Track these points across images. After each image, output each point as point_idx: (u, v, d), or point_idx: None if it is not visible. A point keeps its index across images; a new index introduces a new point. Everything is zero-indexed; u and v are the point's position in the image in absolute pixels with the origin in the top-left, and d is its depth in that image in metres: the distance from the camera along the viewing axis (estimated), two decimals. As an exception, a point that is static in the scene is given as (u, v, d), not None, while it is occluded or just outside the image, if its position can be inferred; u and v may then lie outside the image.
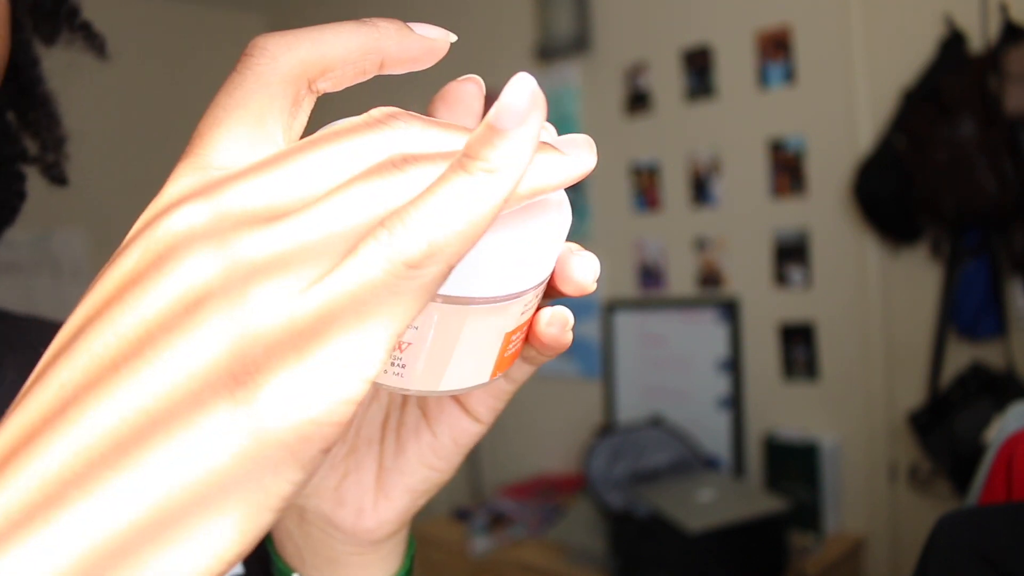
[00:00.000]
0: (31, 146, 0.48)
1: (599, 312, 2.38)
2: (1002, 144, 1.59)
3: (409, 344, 0.23)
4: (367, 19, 0.24)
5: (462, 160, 0.18)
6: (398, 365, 0.24)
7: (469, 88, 0.26)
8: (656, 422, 2.09)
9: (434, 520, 2.39)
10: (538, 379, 2.57)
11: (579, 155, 0.23)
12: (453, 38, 0.25)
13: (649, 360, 2.26)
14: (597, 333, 2.39)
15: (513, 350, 0.25)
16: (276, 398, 0.17)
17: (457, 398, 0.31)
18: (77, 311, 0.18)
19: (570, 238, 0.25)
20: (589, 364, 2.43)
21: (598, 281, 0.26)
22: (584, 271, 0.25)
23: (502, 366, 0.25)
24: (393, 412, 0.33)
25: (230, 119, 0.20)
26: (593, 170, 0.23)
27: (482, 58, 2.60)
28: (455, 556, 2.15)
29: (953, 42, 1.69)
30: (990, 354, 1.72)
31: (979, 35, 1.67)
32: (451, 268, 0.18)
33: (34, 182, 0.48)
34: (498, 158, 0.18)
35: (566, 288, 0.25)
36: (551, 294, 0.26)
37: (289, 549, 0.34)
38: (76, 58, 0.47)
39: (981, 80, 1.61)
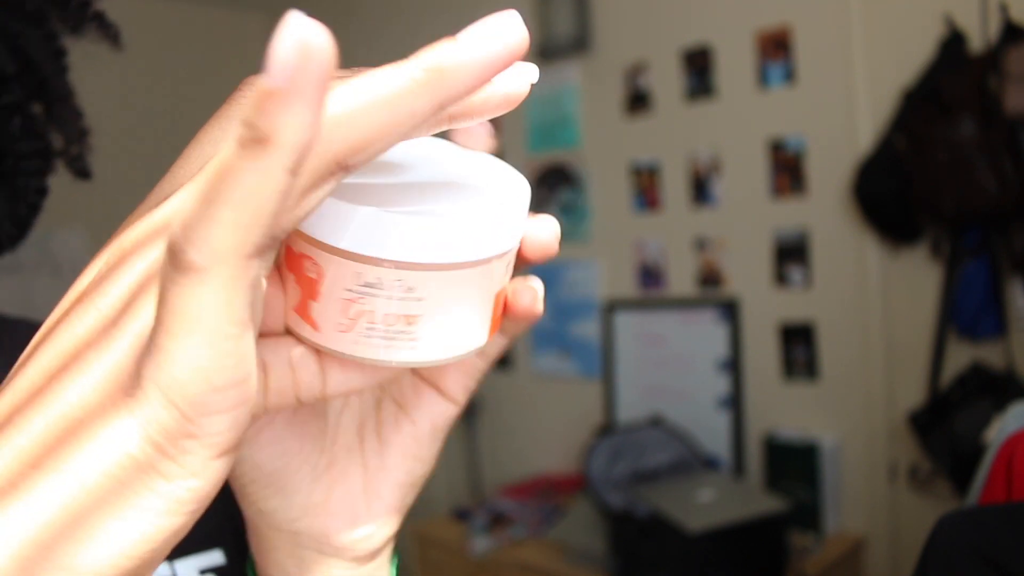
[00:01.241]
0: (55, 139, 0.48)
1: (599, 312, 2.38)
2: (1002, 144, 1.59)
3: (419, 316, 0.24)
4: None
5: (238, 132, 0.16)
6: (412, 339, 0.24)
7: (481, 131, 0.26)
8: (656, 422, 2.09)
9: (434, 520, 2.39)
10: (538, 379, 2.57)
11: (485, 35, 0.20)
12: (534, 77, 0.23)
13: (649, 360, 2.26)
14: (597, 333, 2.39)
15: (498, 314, 0.27)
16: (157, 388, 0.18)
17: (434, 382, 0.31)
18: (47, 322, 0.21)
19: (571, 238, 0.26)
20: (589, 364, 2.43)
21: (597, 280, 0.26)
22: (547, 232, 0.26)
23: (493, 327, 0.27)
24: (369, 414, 0.33)
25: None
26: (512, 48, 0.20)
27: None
28: (455, 556, 2.15)
29: (953, 42, 1.69)
30: (990, 354, 1.72)
31: (979, 35, 1.67)
32: (223, 255, 0.17)
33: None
34: (267, 126, 0.16)
35: (532, 252, 0.26)
36: (517, 263, 0.27)
37: (275, 574, 0.34)
38: (74, 59, 0.48)
39: (981, 80, 1.61)
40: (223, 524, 0.42)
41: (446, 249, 0.23)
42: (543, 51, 2.38)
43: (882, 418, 1.90)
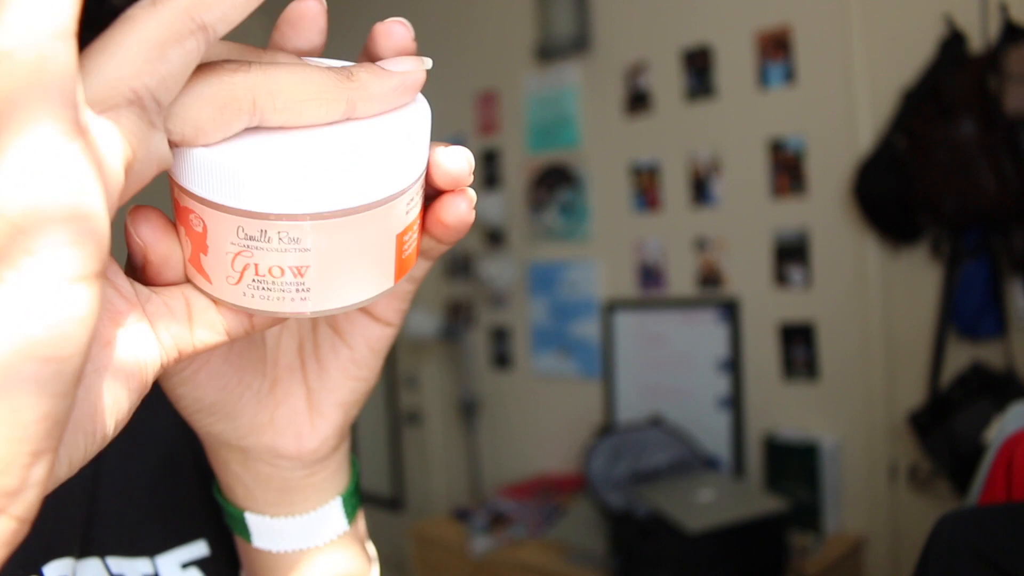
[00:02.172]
0: None
1: (599, 312, 2.38)
2: (1002, 144, 1.59)
3: (307, 267, 0.23)
4: (346, 70, 0.23)
5: None
6: (302, 290, 0.24)
7: (311, 6, 0.26)
8: (656, 422, 2.09)
9: (434, 520, 2.39)
10: (538, 379, 2.57)
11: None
12: (428, 64, 0.25)
13: (649, 360, 2.26)
14: (597, 333, 2.39)
15: (410, 251, 0.26)
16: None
17: (364, 308, 0.31)
18: None
19: (571, 237, 0.25)
20: (589, 364, 2.43)
21: (597, 280, 0.26)
22: (454, 160, 0.26)
23: (404, 268, 0.26)
24: (306, 337, 0.33)
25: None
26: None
27: (482, 58, 2.60)
28: (455, 556, 2.15)
29: (953, 42, 1.69)
30: (990, 354, 1.72)
31: (979, 35, 1.67)
32: (29, 35, 0.16)
33: None
34: None
35: (441, 181, 0.26)
36: (431, 195, 0.27)
37: (239, 492, 0.35)
38: None
39: (981, 80, 1.61)
40: (206, 514, 0.42)
41: (327, 196, 0.22)
42: (543, 51, 2.38)
43: (882, 418, 1.90)
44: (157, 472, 0.41)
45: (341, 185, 0.22)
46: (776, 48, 2.00)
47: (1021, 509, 0.70)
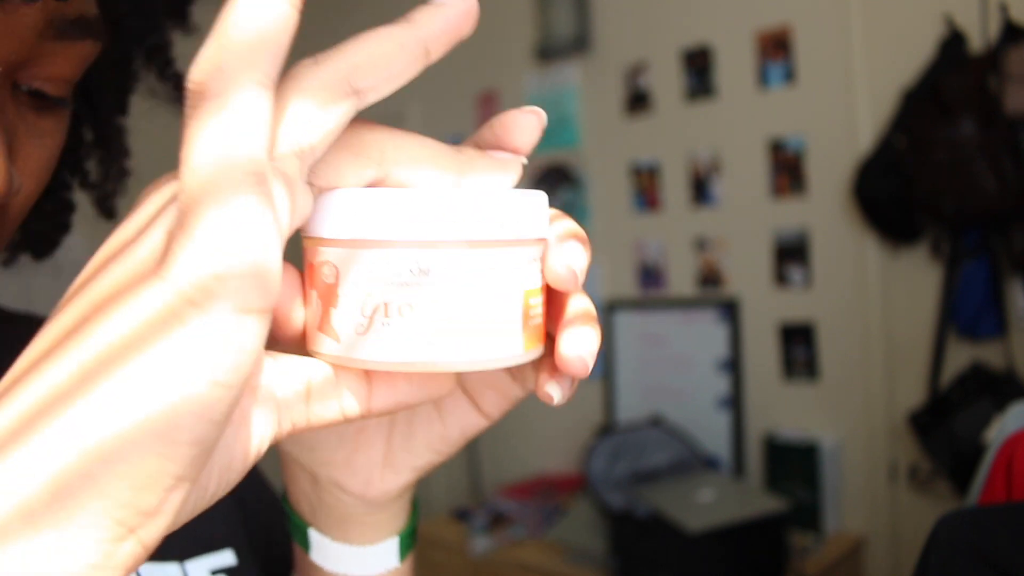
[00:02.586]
0: (93, 172, 0.47)
1: (599, 312, 2.37)
2: (1002, 144, 1.59)
3: (437, 302, 0.23)
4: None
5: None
6: (430, 334, 0.23)
7: (528, 119, 0.27)
8: (656, 422, 2.09)
9: (434, 520, 2.39)
10: (538, 379, 2.56)
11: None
12: (523, 160, 0.27)
13: (649, 360, 2.26)
14: (597, 333, 2.39)
15: (536, 321, 0.25)
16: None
17: (472, 396, 0.32)
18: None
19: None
20: (589, 364, 2.43)
21: (597, 280, 0.27)
22: (571, 259, 0.26)
23: (531, 338, 0.25)
24: None
25: None
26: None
27: (482, 58, 2.60)
28: (455, 556, 2.15)
29: (953, 42, 1.69)
30: (990, 354, 1.72)
31: (979, 35, 1.67)
32: (234, 79, 0.19)
33: None
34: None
35: (548, 276, 0.26)
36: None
37: (304, 507, 0.36)
38: None
39: (981, 80, 1.61)
40: (234, 524, 0.42)
41: (459, 225, 0.23)
42: (543, 51, 2.38)
43: (882, 418, 1.90)
44: (282, 500, 0.41)
45: (476, 216, 0.23)
46: (776, 48, 2.00)
47: (1021, 509, 0.70)
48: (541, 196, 0.25)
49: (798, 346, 2.03)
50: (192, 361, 0.18)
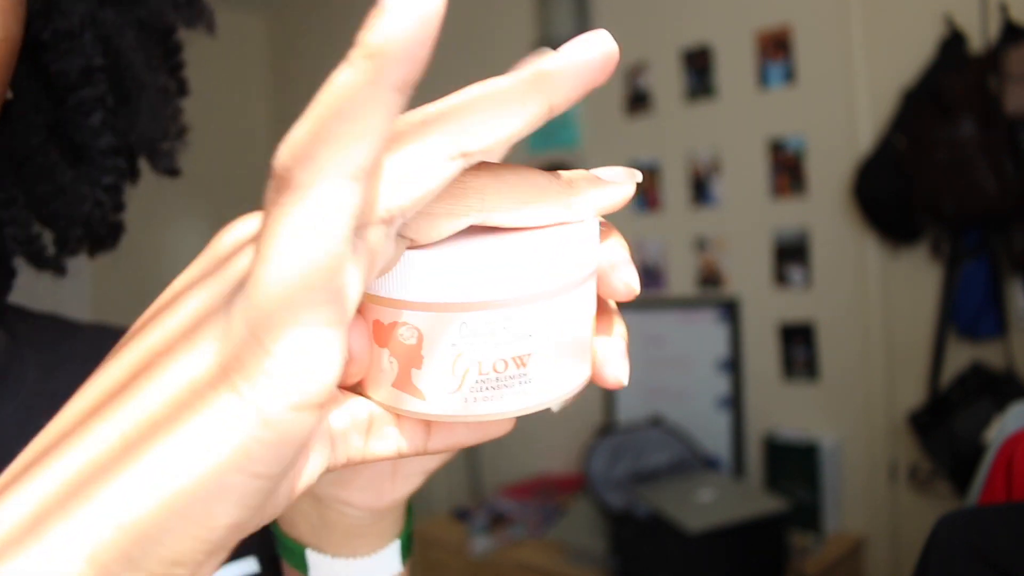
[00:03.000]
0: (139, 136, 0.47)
1: (599, 312, 2.38)
2: (1002, 144, 1.59)
3: (530, 355, 0.23)
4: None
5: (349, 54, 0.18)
6: (524, 381, 0.23)
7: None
8: (656, 422, 2.09)
9: (434, 520, 2.39)
10: (538, 379, 2.57)
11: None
12: (639, 178, 0.27)
13: (649, 360, 2.26)
14: (597, 333, 2.39)
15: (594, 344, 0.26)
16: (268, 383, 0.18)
17: None
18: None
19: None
20: (589, 364, 2.43)
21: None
22: (618, 251, 0.27)
23: (592, 356, 0.26)
24: None
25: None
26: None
27: (482, 58, 2.59)
28: (455, 556, 2.15)
29: (953, 42, 1.69)
30: (990, 354, 1.72)
31: (979, 35, 1.67)
32: (324, 170, 0.17)
33: None
34: (373, 40, 0.17)
35: (605, 289, 0.26)
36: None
37: (303, 528, 0.35)
38: None
39: (981, 80, 1.61)
40: (255, 532, 0.42)
41: (547, 276, 0.22)
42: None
43: (882, 418, 1.90)
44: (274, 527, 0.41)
45: (557, 264, 0.23)
46: (776, 48, 2.00)
47: (1021, 509, 0.70)
48: (591, 224, 0.25)
49: (798, 346, 2.03)
50: (233, 452, 0.17)
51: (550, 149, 2.47)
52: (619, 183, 0.26)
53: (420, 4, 0.17)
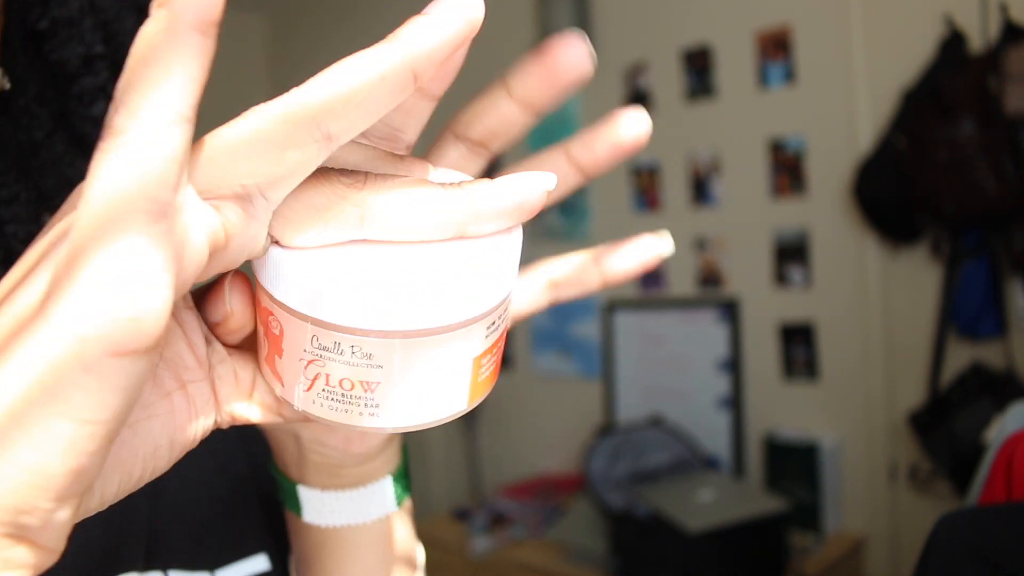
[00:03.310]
0: None
1: (599, 312, 2.38)
2: (1002, 144, 1.59)
3: (378, 383, 0.23)
4: (462, 186, 0.22)
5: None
6: (371, 405, 0.23)
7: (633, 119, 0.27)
8: (656, 422, 2.09)
9: (434, 520, 2.39)
10: (538, 379, 2.57)
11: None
12: (551, 184, 0.24)
13: (649, 360, 2.26)
14: (597, 333, 2.39)
15: (486, 374, 0.25)
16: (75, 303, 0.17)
17: None
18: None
19: (571, 237, 0.25)
20: (589, 364, 2.43)
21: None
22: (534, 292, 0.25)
23: (478, 392, 0.25)
24: None
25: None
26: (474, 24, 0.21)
27: (482, 58, 2.59)
28: (455, 556, 2.15)
29: (953, 42, 1.69)
30: (990, 354, 1.72)
31: (979, 35, 1.67)
32: (141, 116, 0.18)
33: None
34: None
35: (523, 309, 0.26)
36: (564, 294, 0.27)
37: (292, 469, 0.36)
38: None
39: (981, 80, 1.61)
40: (264, 528, 0.42)
41: (405, 315, 0.21)
42: (543, 51, 2.38)
43: (882, 418, 1.90)
44: (215, 480, 0.41)
45: (420, 306, 0.21)
46: (776, 48, 2.00)
47: (1021, 509, 0.70)
48: (513, 246, 0.23)
49: (798, 346, 2.03)
50: (62, 401, 0.17)
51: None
52: (526, 194, 0.23)
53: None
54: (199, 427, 0.24)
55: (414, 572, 0.40)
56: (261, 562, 0.41)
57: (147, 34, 0.18)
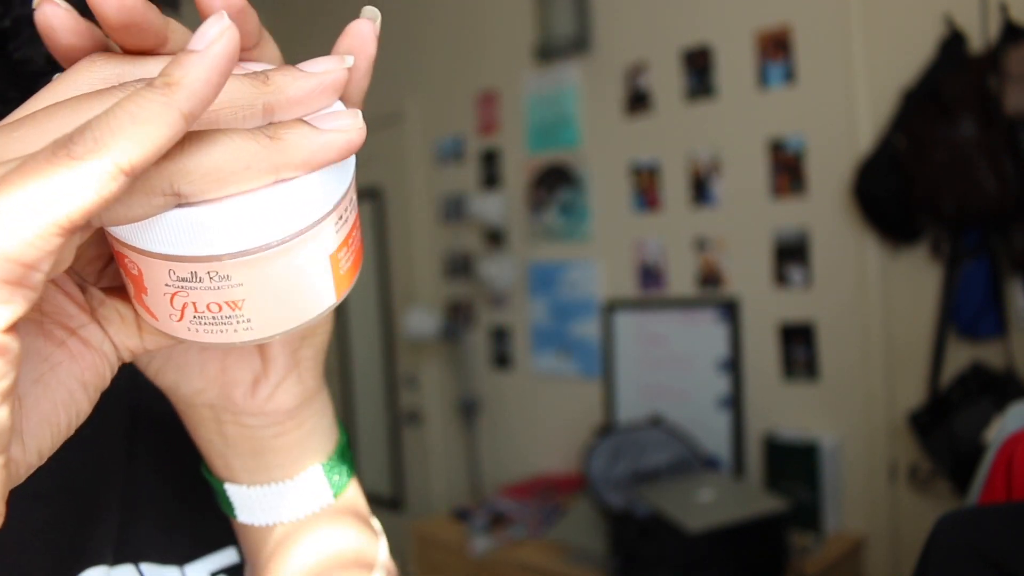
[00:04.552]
0: None
1: (599, 312, 2.38)
2: (1002, 144, 1.59)
3: (243, 300, 0.24)
4: (263, 75, 0.23)
5: (153, 79, 0.20)
6: (243, 321, 0.24)
7: (365, 26, 0.26)
8: (656, 422, 2.09)
9: (434, 520, 2.39)
10: (538, 379, 2.57)
11: (337, 129, 0.23)
12: (349, 63, 0.25)
13: (649, 360, 2.26)
14: (597, 333, 2.39)
15: (347, 265, 0.26)
16: None
17: None
18: None
19: (570, 238, 0.25)
20: (589, 364, 2.43)
21: (597, 280, 0.26)
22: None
23: (344, 283, 0.26)
24: None
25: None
26: (357, 143, 0.23)
27: (482, 58, 2.60)
28: (455, 556, 2.15)
29: (953, 42, 1.69)
30: (990, 354, 1.72)
31: (979, 35, 1.67)
32: (121, 167, 0.19)
33: None
34: (177, 73, 0.20)
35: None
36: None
37: (217, 462, 0.35)
38: None
39: (981, 80, 1.61)
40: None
41: (248, 234, 0.22)
42: (543, 51, 2.38)
43: (882, 418, 1.90)
44: (189, 473, 0.41)
45: (261, 222, 0.22)
46: (776, 48, 2.00)
47: (1021, 509, 0.70)
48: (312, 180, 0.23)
49: (798, 346, 2.03)
50: None
51: (550, 149, 2.47)
52: (325, 71, 0.24)
53: (217, 59, 0.20)
54: (105, 366, 0.25)
55: (371, 556, 0.38)
56: (231, 555, 0.41)
57: (145, 97, 0.19)
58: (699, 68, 2.14)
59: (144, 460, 0.40)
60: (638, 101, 2.27)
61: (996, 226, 1.67)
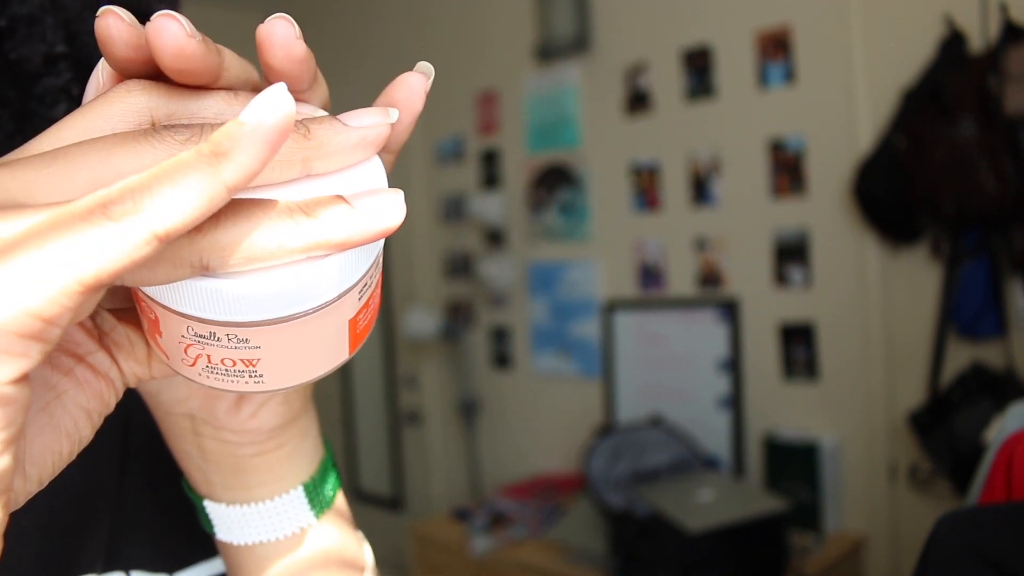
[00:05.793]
0: None
1: (599, 312, 2.38)
2: (1002, 144, 1.59)
3: (258, 360, 0.24)
4: (303, 126, 0.23)
5: (201, 144, 0.19)
6: (255, 376, 0.24)
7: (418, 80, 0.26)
8: (656, 422, 2.09)
9: (434, 520, 2.39)
10: (538, 379, 2.57)
11: (377, 211, 0.22)
12: (394, 117, 0.24)
13: (649, 360, 2.26)
14: (597, 333, 2.39)
15: (364, 324, 0.26)
16: None
17: None
18: None
19: (571, 237, 0.25)
20: (589, 364, 2.43)
21: (597, 280, 0.26)
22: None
23: (358, 341, 0.26)
24: None
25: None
26: (400, 225, 0.22)
27: (482, 58, 2.60)
28: (455, 556, 2.15)
29: (953, 42, 1.69)
30: (990, 354, 1.72)
31: (979, 35, 1.67)
32: (156, 234, 0.18)
33: None
34: (227, 144, 0.19)
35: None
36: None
37: (196, 476, 0.35)
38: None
39: (981, 80, 1.61)
40: None
41: (275, 306, 0.22)
42: (543, 51, 2.38)
43: (882, 418, 1.90)
44: (176, 483, 0.40)
45: (287, 296, 0.22)
46: (776, 48, 2.00)
47: (1021, 509, 0.70)
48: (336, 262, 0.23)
49: (798, 346, 2.03)
50: None
51: (550, 149, 2.47)
52: (369, 125, 0.23)
53: (271, 135, 0.19)
54: (110, 393, 0.25)
55: (360, 559, 0.38)
56: (221, 564, 0.40)
57: (185, 159, 0.19)
58: (699, 68, 2.14)
59: (136, 468, 0.40)
60: (638, 101, 2.27)
61: (996, 226, 1.67)
